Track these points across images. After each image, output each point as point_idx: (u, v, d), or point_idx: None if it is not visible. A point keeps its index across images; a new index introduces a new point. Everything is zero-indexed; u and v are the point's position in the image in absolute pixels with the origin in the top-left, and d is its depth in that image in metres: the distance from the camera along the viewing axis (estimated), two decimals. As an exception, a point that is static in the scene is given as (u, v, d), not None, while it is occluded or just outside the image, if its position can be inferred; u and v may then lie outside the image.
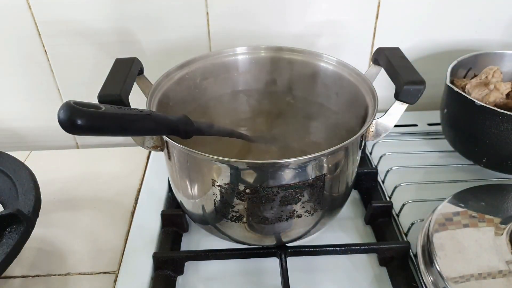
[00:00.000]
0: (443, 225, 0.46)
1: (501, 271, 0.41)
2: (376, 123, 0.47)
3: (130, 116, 0.36)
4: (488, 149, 0.56)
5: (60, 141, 0.78)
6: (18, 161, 0.52)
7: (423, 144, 0.68)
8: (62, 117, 0.31)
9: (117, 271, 0.49)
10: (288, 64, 0.59)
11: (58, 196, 0.60)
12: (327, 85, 0.58)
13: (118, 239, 0.54)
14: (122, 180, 0.63)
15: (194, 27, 0.67)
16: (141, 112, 0.38)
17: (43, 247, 0.53)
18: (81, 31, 0.67)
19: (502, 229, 0.45)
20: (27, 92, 0.72)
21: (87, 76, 0.70)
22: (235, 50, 0.58)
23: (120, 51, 0.69)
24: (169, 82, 0.53)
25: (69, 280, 0.49)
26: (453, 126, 0.60)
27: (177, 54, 0.69)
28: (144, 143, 0.46)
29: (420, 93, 0.46)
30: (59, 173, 0.65)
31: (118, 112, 0.35)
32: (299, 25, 0.69)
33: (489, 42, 0.73)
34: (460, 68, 0.64)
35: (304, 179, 0.41)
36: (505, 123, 0.52)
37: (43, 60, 0.69)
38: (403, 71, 0.47)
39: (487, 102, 0.57)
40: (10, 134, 0.77)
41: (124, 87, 0.46)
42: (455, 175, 0.61)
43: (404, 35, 0.71)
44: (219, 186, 0.43)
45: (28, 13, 0.64)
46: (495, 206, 0.49)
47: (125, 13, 0.65)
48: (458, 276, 0.41)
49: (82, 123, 0.32)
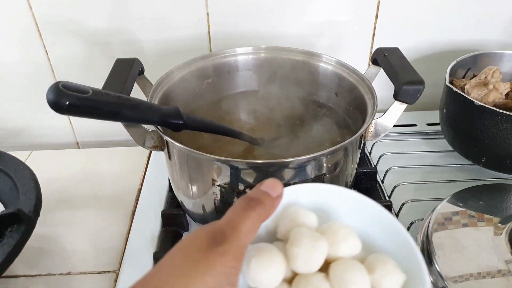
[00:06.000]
0: (442, 225, 0.46)
1: (500, 270, 0.41)
2: (375, 123, 0.47)
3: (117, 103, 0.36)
4: (487, 149, 0.56)
5: (61, 141, 0.79)
6: (19, 161, 0.52)
7: (422, 144, 0.68)
8: (49, 98, 0.33)
9: (118, 271, 0.50)
10: (288, 64, 0.59)
11: (59, 196, 0.60)
12: (327, 85, 0.58)
13: (118, 238, 0.54)
14: (123, 180, 0.63)
15: (194, 27, 0.68)
16: (130, 100, 0.38)
17: (44, 247, 0.53)
18: (81, 31, 0.67)
19: (501, 229, 0.45)
20: (27, 92, 0.72)
21: (87, 76, 0.70)
22: (235, 50, 0.59)
23: (120, 51, 0.69)
24: (170, 83, 0.53)
25: (70, 279, 0.49)
26: (452, 126, 0.60)
27: (177, 55, 0.69)
28: (145, 142, 0.46)
29: (419, 93, 0.46)
30: (60, 172, 0.65)
31: (104, 99, 0.35)
32: (299, 25, 0.69)
33: (488, 42, 0.73)
34: (459, 68, 0.64)
35: (304, 178, 0.41)
36: (504, 123, 0.52)
37: (44, 60, 0.69)
38: (402, 71, 0.47)
39: (486, 102, 0.57)
40: (10, 134, 0.78)
41: (125, 87, 0.46)
42: (454, 175, 0.61)
43: (403, 36, 0.71)
44: (219, 186, 0.43)
45: (29, 13, 0.64)
46: (494, 205, 0.49)
47: (126, 14, 0.66)
48: (458, 276, 0.41)
49: (67, 106, 0.33)
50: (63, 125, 0.77)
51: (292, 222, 0.29)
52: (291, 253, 0.27)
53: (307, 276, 0.27)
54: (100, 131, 0.78)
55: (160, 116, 0.41)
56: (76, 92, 0.33)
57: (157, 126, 0.44)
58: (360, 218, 0.32)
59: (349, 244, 0.29)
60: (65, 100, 0.32)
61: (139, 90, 0.55)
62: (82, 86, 0.34)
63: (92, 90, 0.35)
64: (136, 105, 0.38)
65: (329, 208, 0.32)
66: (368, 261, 0.29)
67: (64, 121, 0.76)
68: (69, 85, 0.33)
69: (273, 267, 0.27)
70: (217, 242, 0.24)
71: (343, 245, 0.29)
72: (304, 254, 0.27)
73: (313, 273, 0.27)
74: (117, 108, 0.36)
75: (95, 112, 0.35)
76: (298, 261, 0.27)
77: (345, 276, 0.27)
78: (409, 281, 0.28)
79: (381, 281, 0.28)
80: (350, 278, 0.27)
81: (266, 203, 0.27)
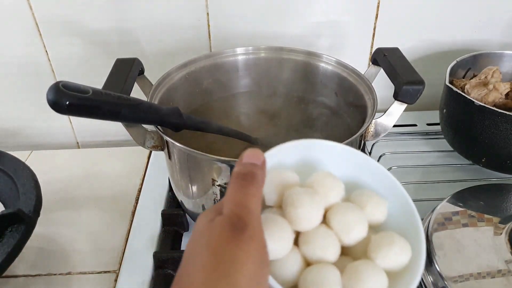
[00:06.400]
0: (442, 225, 0.46)
1: (500, 270, 0.41)
2: (375, 123, 0.47)
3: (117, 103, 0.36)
4: (487, 149, 0.56)
5: (61, 141, 0.79)
6: (19, 161, 0.52)
7: (422, 144, 0.68)
8: (49, 98, 0.33)
9: (117, 271, 0.50)
10: (288, 64, 0.59)
11: (59, 196, 0.60)
12: (327, 85, 0.58)
13: (118, 238, 0.54)
14: (123, 180, 0.63)
15: (194, 27, 0.68)
16: (130, 100, 0.38)
17: (44, 247, 0.53)
18: (81, 31, 0.67)
19: (501, 229, 0.45)
20: (28, 92, 0.72)
21: (87, 76, 0.70)
22: (235, 50, 0.59)
23: (120, 51, 0.69)
24: (170, 83, 0.53)
25: (70, 279, 0.49)
26: (452, 126, 0.60)
27: (177, 55, 0.69)
28: (145, 142, 0.46)
29: (419, 93, 0.46)
30: (60, 172, 0.65)
31: (104, 99, 0.35)
32: (298, 25, 0.69)
33: (488, 42, 0.73)
34: (459, 68, 0.64)
35: (304, 178, 0.41)
36: (504, 123, 0.52)
37: (44, 60, 0.69)
38: (402, 71, 0.47)
39: (486, 102, 0.57)
40: (10, 134, 0.77)
41: (125, 87, 0.46)
42: (454, 175, 0.61)
43: (403, 36, 0.71)
44: (219, 186, 0.43)
45: (29, 13, 0.64)
46: (494, 205, 0.49)
47: (126, 14, 0.66)
48: (458, 276, 0.41)
49: (68, 106, 0.33)
50: (63, 125, 0.77)
51: (280, 185, 0.29)
52: (294, 215, 0.27)
53: (311, 232, 0.28)
54: (100, 131, 0.78)
55: (160, 116, 0.41)
56: (76, 92, 0.33)
57: (157, 126, 0.44)
58: (346, 166, 0.32)
59: (337, 191, 0.30)
60: (65, 100, 0.33)
61: (139, 90, 0.55)
62: (82, 86, 0.34)
63: (92, 90, 0.35)
64: (136, 105, 0.38)
65: (313, 163, 0.33)
66: (355, 199, 0.31)
67: (64, 121, 0.76)
68: (69, 85, 0.33)
69: (285, 236, 0.27)
70: (240, 228, 0.23)
71: (333, 192, 0.30)
72: (307, 212, 0.27)
73: (315, 227, 0.28)
74: (117, 108, 0.36)
75: (95, 112, 0.35)
76: (303, 221, 0.27)
77: (346, 219, 0.28)
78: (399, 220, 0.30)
79: (373, 213, 0.30)
80: (351, 219, 0.28)
81: (258, 174, 0.26)
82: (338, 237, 0.28)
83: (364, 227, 0.29)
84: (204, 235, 0.24)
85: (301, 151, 0.32)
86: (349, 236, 0.28)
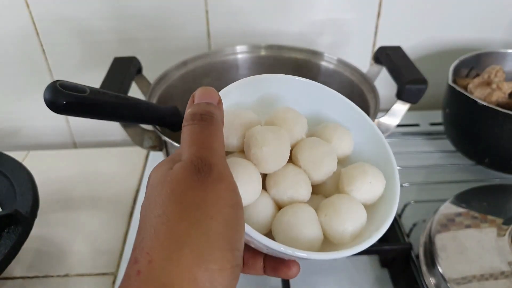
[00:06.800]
0: (445, 226, 0.46)
1: (503, 272, 0.41)
2: (378, 122, 0.47)
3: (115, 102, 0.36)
4: (491, 149, 0.55)
5: (58, 141, 0.78)
6: (16, 161, 0.51)
7: (425, 144, 0.68)
8: (46, 98, 0.32)
9: (115, 272, 0.49)
10: (289, 63, 0.58)
11: (56, 197, 0.60)
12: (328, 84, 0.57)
13: (116, 240, 0.53)
14: (121, 181, 0.63)
15: (193, 25, 0.67)
16: (127, 99, 0.37)
17: (41, 248, 0.52)
18: (79, 30, 0.66)
19: (504, 230, 0.45)
20: (24, 92, 0.72)
21: (85, 75, 0.69)
22: (235, 48, 0.58)
23: (118, 50, 0.68)
24: (168, 82, 0.53)
25: (68, 281, 0.49)
26: (455, 126, 0.60)
27: (176, 53, 0.69)
28: (143, 143, 0.46)
29: (422, 93, 0.45)
30: (57, 173, 0.65)
31: (101, 98, 0.35)
32: (300, 23, 0.68)
33: (492, 41, 0.73)
34: (462, 68, 0.63)
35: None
36: (508, 123, 0.51)
37: (41, 59, 0.68)
38: (405, 70, 0.47)
39: (489, 102, 0.57)
40: (7, 134, 0.77)
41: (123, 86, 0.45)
42: (457, 175, 0.60)
43: (405, 34, 0.71)
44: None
45: (26, 11, 0.64)
46: (497, 206, 0.49)
47: (124, 12, 0.65)
48: (460, 277, 0.40)
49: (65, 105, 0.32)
50: (60, 125, 0.76)
51: (240, 127, 0.27)
52: (260, 155, 0.25)
53: (279, 172, 0.26)
54: (98, 131, 0.78)
55: (159, 116, 0.41)
56: (73, 91, 0.33)
57: (155, 126, 0.43)
58: (306, 101, 0.31)
59: (300, 125, 0.28)
60: (62, 99, 0.32)
61: (137, 89, 0.54)
62: (80, 85, 0.34)
63: (89, 89, 0.34)
64: (134, 105, 0.38)
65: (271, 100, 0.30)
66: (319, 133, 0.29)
67: (61, 121, 0.76)
68: (66, 84, 0.33)
69: (253, 179, 0.25)
70: (205, 171, 0.20)
71: (296, 127, 0.28)
72: (273, 151, 0.25)
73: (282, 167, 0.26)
74: (115, 108, 0.36)
75: (93, 111, 0.35)
76: (270, 161, 0.25)
77: (314, 154, 0.27)
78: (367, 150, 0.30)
79: (340, 145, 0.28)
80: (319, 154, 0.27)
81: (215, 112, 0.23)
82: (307, 174, 0.26)
83: (334, 161, 0.27)
84: (163, 185, 0.20)
85: (257, 88, 0.30)
86: (319, 171, 0.26)
